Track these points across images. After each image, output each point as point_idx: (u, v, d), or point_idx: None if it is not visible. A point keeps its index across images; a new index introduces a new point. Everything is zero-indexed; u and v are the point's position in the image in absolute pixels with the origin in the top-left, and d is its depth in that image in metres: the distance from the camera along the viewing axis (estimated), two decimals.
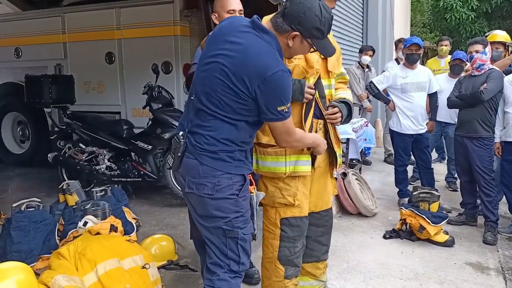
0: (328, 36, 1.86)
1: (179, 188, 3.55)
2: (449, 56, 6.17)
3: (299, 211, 2.16)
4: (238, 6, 2.82)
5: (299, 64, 2.06)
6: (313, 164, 2.18)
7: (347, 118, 2.23)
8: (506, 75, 3.87)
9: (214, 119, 1.78)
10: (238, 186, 1.85)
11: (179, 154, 1.84)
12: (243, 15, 2.93)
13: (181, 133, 1.86)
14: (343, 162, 5.32)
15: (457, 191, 4.86)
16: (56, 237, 3.14)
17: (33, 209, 3.15)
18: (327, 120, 2.18)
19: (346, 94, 2.31)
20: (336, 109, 2.16)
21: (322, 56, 2.09)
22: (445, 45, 5.95)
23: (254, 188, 2.02)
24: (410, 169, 5.01)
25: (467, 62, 5.54)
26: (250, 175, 2.00)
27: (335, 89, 2.30)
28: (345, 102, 2.22)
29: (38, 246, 3.02)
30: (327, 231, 2.41)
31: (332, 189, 2.38)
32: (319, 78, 2.15)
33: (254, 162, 2.15)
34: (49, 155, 4.88)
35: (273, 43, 1.77)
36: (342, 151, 5.57)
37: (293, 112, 2.05)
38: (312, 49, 1.86)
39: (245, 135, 1.85)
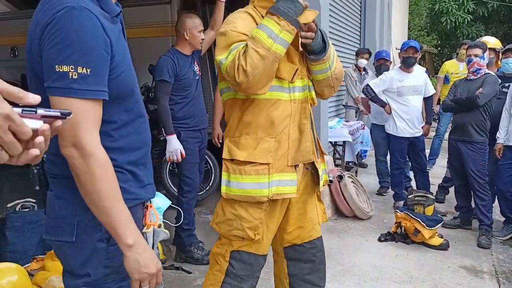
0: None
1: (175, 189, 3.51)
2: None
3: (256, 248, 1.77)
4: (201, 27, 3.14)
5: (286, 61, 1.70)
6: None
7: (322, 47, 1.74)
8: (501, 79, 3.89)
9: None
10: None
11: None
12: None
13: None
14: (338, 165, 5.35)
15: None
16: None
17: (28, 209, 3.14)
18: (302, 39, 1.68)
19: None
20: (314, 26, 1.65)
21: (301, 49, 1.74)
22: None
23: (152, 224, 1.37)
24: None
25: (390, 61, 5.57)
26: (151, 203, 1.37)
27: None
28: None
29: (33, 246, 3.01)
30: (316, 267, 1.94)
31: (318, 215, 1.93)
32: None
33: (224, 185, 1.74)
34: (44, 154, 4.87)
35: None
36: (338, 153, 5.65)
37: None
38: None
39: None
